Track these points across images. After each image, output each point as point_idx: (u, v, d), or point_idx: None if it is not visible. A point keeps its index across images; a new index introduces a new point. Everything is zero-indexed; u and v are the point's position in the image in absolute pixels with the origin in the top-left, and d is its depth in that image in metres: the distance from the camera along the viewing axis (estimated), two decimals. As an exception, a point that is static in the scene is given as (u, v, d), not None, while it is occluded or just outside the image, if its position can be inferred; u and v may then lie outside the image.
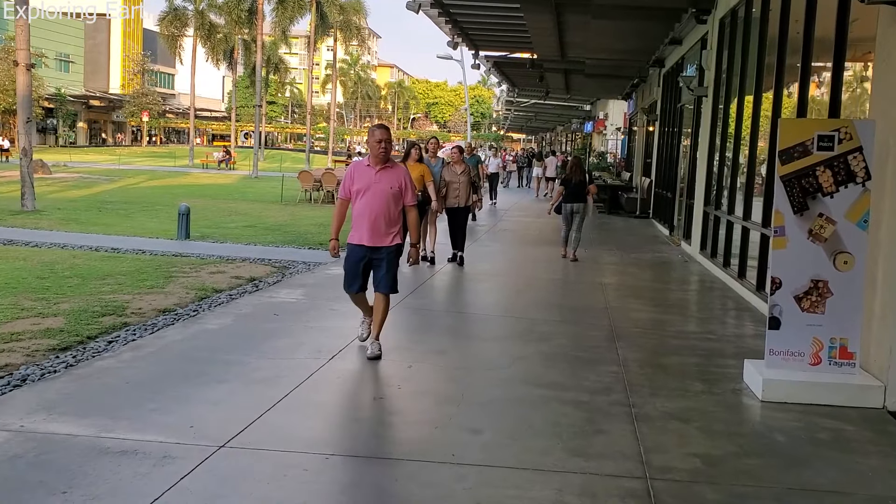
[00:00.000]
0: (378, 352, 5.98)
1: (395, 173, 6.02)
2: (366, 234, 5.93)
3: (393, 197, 5.97)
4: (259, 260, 11.22)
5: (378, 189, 5.92)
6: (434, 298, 9.02)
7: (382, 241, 5.96)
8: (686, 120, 16.31)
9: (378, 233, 5.92)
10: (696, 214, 13.32)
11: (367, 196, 5.92)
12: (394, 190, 5.95)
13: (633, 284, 10.29)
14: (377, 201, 5.90)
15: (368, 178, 5.95)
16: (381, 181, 5.94)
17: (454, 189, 10.69)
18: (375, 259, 6.00)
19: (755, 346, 6.96)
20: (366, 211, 5.92)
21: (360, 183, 5.96)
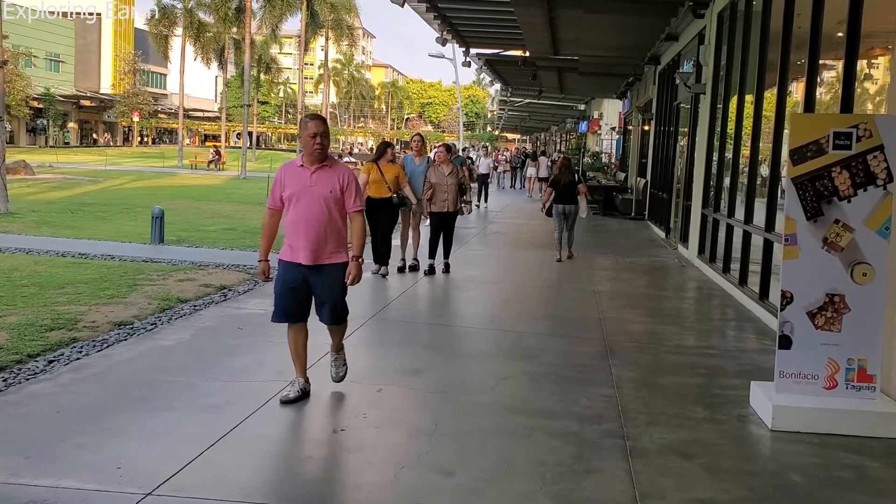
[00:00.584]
0: (342, 372, 5.24)
1: (334, 174, 4.94)
2: (302, 250, 4.88)
3: (334, 202, 4.92)
4: (233, 266, 10.61)
5: (315, 194, 4.87)
6: (414, 309, 8.43)
7: (324, 258, 4.92)
8: (683, 118, 15.75)
9: (317, 248, 4.89)
10: (694, 217, 12.76)
11: (302, 203, 4.87)
12: (334, 194, 4.91)
13: (628, 292, 9.71)
14: (314, 209, 4.86)
15: (302, 182, 4.89)
16: (317, 184, 4.88)
17: (442, 192, 9.89)
18: (315, 281, 4.96)
19: (760, 363, 6.39)
20: (301, 221, 4.88)
21: (292, 187, 4.91)
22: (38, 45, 70.00)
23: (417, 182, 9.88)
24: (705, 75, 12.61)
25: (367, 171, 9.52)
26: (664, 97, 17.86)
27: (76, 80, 76.23)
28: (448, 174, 9.96)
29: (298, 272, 4.93)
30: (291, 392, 4.95)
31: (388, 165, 9.51)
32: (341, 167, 5.07)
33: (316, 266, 4.91)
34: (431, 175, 9.94)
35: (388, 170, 9.47)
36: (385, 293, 8.88)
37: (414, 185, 9.93)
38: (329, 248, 4.94)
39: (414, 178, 9.89)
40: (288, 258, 4.96)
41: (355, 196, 5.01)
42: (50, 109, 66.71)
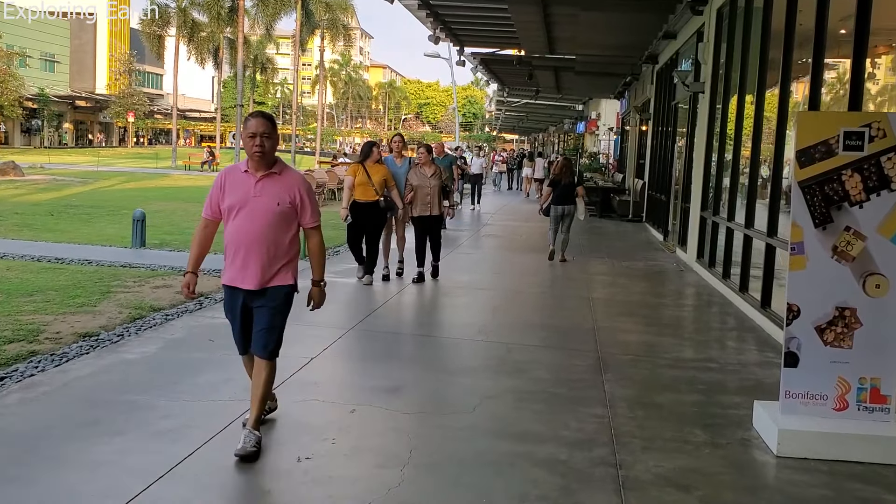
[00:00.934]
0: (252, 447, 4.07)
1: (285, 184, 4.19)
2: (240, 272, 4.19)
3: (282, 217, 4.17)
4: (215, 271, 10.18)
5: (259, 206, 4.13)
6: (397, 319, 8.01)
7: (267, 281, 4.21)
8: (681, 118, 15.37)
9: (260, 270, 4.16)
10: (693, 220, 12.37)
11: (243, 216, 4.14)
12: (282, 207, 4.16)
13: (624, 299, 9.31)
14: (257, 224, 4.13)
15: (244, 191, 4.15)
16: (263, 195, 4.14)
17: (424, 195, 9.40)
18: (257, 305, 4.25)
19: (763, 377, 6.01)
20: (241, 238, 4.16)
21: (233, 196, 4.16)
22: (33, 45, 69.58)
23: (399, 185, 9.45)
24: (704, 74, 12.22)
25: (353, 174, 9.09)
26: (662, 97, 17.48)
27: (71, 80, 75.80)
28: (430, 176, 9.46)
29: (239, 298, 4.27)
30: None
31: (375, 167, 9.04)
32: (294, 176, 4.28)
33: (256, 291, 4.22)
34: (413, 177, 9.44)
35: (375, 171, 9.02)
36: (368, 302, 8.47)
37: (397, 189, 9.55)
38: (273, 269, 4.23)
39: (395, 181, 9.46)
40: (227, 282, 4.31)
41: (311, 210, 4.28)
42: (44, 110, 66.24)
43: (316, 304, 4.48)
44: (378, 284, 9.25)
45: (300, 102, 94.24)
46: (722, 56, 11.44)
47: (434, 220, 9.64)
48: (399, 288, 9.20)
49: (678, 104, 15.51)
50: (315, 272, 4.43)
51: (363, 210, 9.03)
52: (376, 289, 9.07)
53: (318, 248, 4.41)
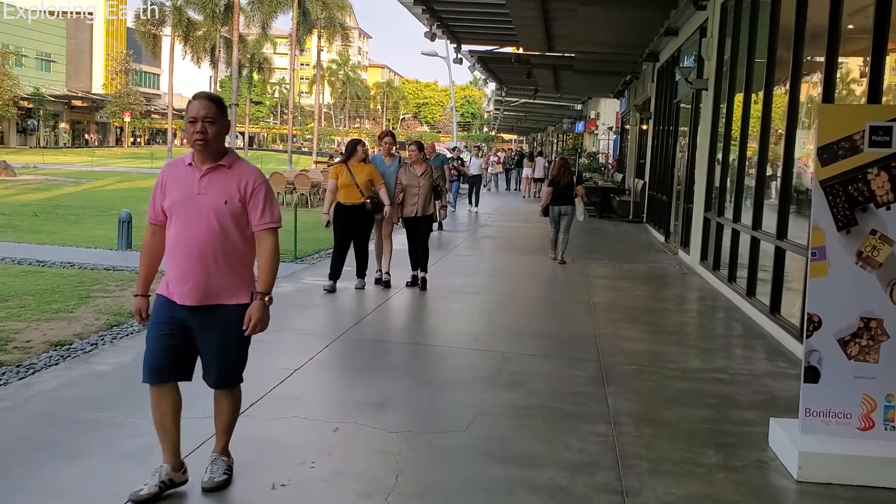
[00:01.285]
0: (222, 475, 3.70)
1: (234, 178, 3.53)
2: (181, 284, 3.51)
3: (231, 218, 3.50)
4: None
5: (203, 205, 3.48)
6: (388, 326, 7.62)
7: (213, 297, 3.52)
8: (683, 117, 15.01)
9: (204, 281, 3.49)
10: (696, 221, 12.01)
11: (186, 218, 3.50)
12: (232, 206, 3.50)
13: (626, 304, 8.94)
14: (202, 226, 3.47)
15: (187, 187, 3.52)
16: (208, 191, 3.50)
17: (412, 195, 8.94)
18: (202, 327, 3.54)
19: (776, 390, 5.64)
20: (181, 243, 3.50)
21: (174, 194, 3.53)
22: (29, 45, 69.20)
23: (389, 185, 9.03)
24: (707, 70, 11.86)
25: (336, 175, 8.62)
26: (663, 95, 17.12)
27: (68, 80, 75.42)
28: (420, 175, 8.99)
29: (176, 314, 3.52)
30: (146, 488, 3.50)
31: (360, 166, 8.56)
32: (245, 169, 3.59)
33: (201, 307, 3.51)
34: (402, 176, 8.99)
35: (360, 171, 8.53)
36: (357, 308, 8.09)
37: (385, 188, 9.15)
38: (221, 283, 3.52)
39: (385, 181, 9.03)
40: (163, 292, 3.58)
41: (264, 208, 3.56)
42: (40, 110, 65.84)
43: (255, 322, 3.54)
44: (370, 289, 8.87)
45: (297, 102, 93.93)
46: (726, 52, 11.09)
47: (421, 222, 9.11)
48: (390, 293, 8.81)
49: (680, 102, 15.15)
50: (261, 283, 3.58)
51: (349, 213, 8.58)
52: (367, 294, 8.69)
53: (270, 255, 3.57)
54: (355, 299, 8.42)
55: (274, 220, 3.60)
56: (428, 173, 9.05)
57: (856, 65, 6.87)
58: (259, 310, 3.55)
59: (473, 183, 21.93)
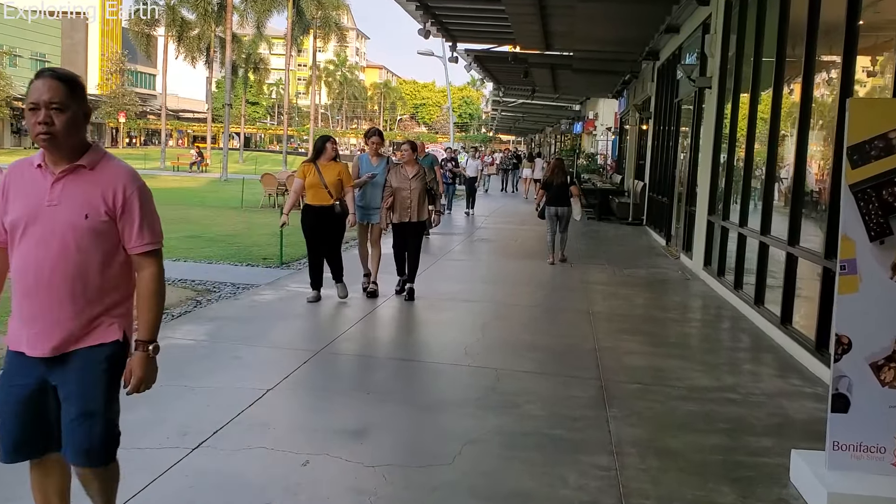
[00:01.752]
0: None
1: (96, 183, 2.70)
2: (28, 327, 2.68)
3: (94, 237, 2.67)
4: (181, 281, 9.36)
5: (57, 220, 2.66)
6: (372, 340, 7.09)
7: (70, 342, 2.69)
8: (685, 117, 14.55)
9: (59, 323, 2.67)
10: (699, 224, 11.54)
11: (33, 236, 2.66)
12: (94, 220, 2.67)
13: (627, 313, 8.46)
14: (53, 249, 2.64)
15: (36, 196, 2.68)
16: (62, 201, 2.66)
17: (404, 199, 8.32)
18: (60, 380, 2.70)
19: (792, 412, 5.17)
20: (30, 272, 2.65)
21: (18, 206, 2.68)
22: (23, 45, 68.74)
23: (376, 188, 8.50)
24: (711, 68, 11.39)
25: (303, 174, 7.96)
26: (664, 94, 16.66)
27: (63, 80, 74.78)
28: (412, 177, 8.38)
29: (31, 370, 2.69)
30: None
31: (330, 165, 7.88)
32: (114, 171, 2.73)
33: (60, 357, 2.68)
34: (392, 178, 8.34)
35: (329, 171, 7.84)
36: (340, 320, 7.57)
37: (372, 192, 8.54)
38: (84, 322, 2.70)
39: (373, 184, 8.50)
40: (13, 345, 2.73)
41: (141, 224, 2.72)
42: (33, 110, 65.16)
43: (137, 381, 2.75)
44: (355, 298, 8.37)
45: (294, 103, 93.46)
46: (731, 48, 10.61)
47: (415, 228, 8.52)
48: (377, 303, 8.31)
49: (681, 102, 14.69)
50: (142, 327, 2.75)
51: (317, 216, 7.94)
52: (352, 304, 8.17)
53: (152, 287, 2.76)
54: (339, 310, 7.92)
55: (154, 239, 2.77)
56: (420, 175, 8.42)
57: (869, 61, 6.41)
58: (142, 365, 2.74)
59: (470, 185, 21.16)
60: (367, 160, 8.61)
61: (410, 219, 8.40)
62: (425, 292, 8.76)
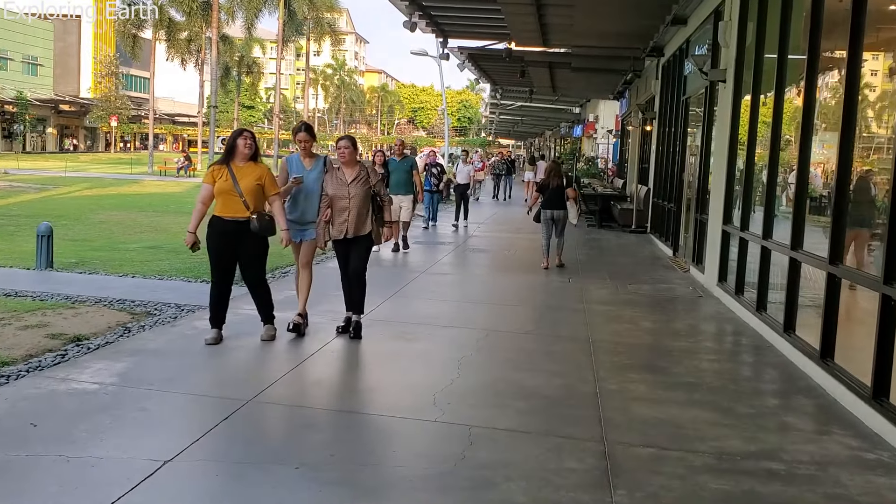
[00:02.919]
0: None
1: None
2: None
3: None
4: (118, 302, 8.13)
5: None
6: (312, 386, 5.69)
7: None
8: (693, 116, 13.32)
9: None
10: (712, 234, 10.30)
11: None
12: None
13: (633, 341, 7.20)
14: None
15: None
16: None
17: (341, 209, 6.64)
18: None
19: (857, 492, 3.91)
20: None
21: None
22: (15, 48, 67.68)
23: (311, 197, 6.87)
24: (725, 59, 10.15)
25: (212, 178, 6.26)
26: (669, 92, 15.44)
27: (55, 83, 73.80)
28: (352, 181, 6.69)
29: None
30: None
31: (247, 168, 6.26)
32: None
33: None
34: (328, 184, 6.72)
35: (246, 174, 6.23)
36: (282, 358, 6.20)
37: (304, 201, 6.86)
38: None
39: (306, 191, 6.84)
40: None
41: None
42: (24, 114, 64.08)
43: None
44: (280, 342, 6.55)
45: (291, 107, 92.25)
46: (749, 37, 9.39)
47: (355, 246, 6.78)
48: (317, 344, 6.60)
49: (689, 99, 13.47)
50: None
51: (227, 232, 6.26)
52: (283, 346, 6.49)
53: None
54: (283, 345, 6.55)
55: None
56: (362, 179, 6.74)
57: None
58: None
59: (462, 193, 18.62)
60: (298, 161, 6.92)
61: (347, 234, 6.71)
62: (397, 315, 7.52)
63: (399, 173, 12.51)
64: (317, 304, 7.43)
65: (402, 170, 12.58)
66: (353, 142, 6.92)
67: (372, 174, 6.89)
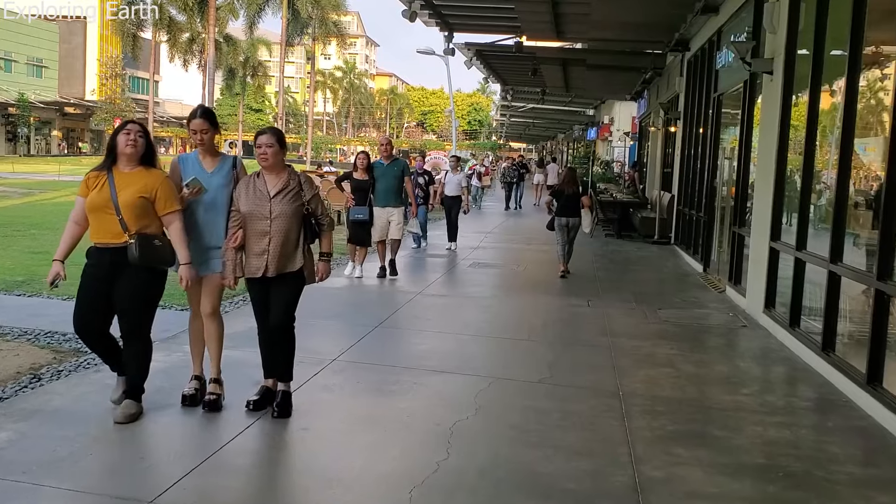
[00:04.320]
0: None
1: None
2: None
3: None
4: (49, 335, 6.76)
5: None
6: (232, 483, 4.09)
7: None
8: (729, 114, 11.83)
9: None
10: (756, 251, 8.81)
11: None
12: None
13: (676, 396, 5.69)
14: None
15: None
16: None
17: (259, 233, 4.73)
18: None
19: None
20: None
21: None
22: (20, 50, 66.79)
23: (212, 213, 4.88)
24: (773, 47, 8.66)
25: (85, 191, 4.58)
26: (697, 89, 13.93)
27: (60, 86, 72.80)
28: (277, 194, 4.74)
29: None
30: None
31: (135, 175, 4.59)
32: None
33: None
34: (241, 196, 4.79)
35: (130, 182, 4.54)
36: (181, 451, 4.45)
37: (205, 219, 4.87)
38: None
39: (206, 204, 4.86)
40: None
41: None
42: (28, 116, 63.06)
43: None
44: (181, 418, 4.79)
45: (301, 110, 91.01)
46: (804, 19, 7.90)
47: (279, 288, 4.81)
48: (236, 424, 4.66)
49: (722, 97, 11.97)
50: None
51: (101, 264, 4.57)
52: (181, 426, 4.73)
53: None
54: (176, 436, 4.61)
55: None
56: (291, 192, 4.77)
57: None
58: None
59: (450, 208, 14.77)
60: (195, 161, 4.89)
61: (267, 270, 4.74)
62: (376, 356, 6.06)
63: (387, 179, 10.15)
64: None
65: (390, 175, 10.17)
66: (278, 137, 4.91)
67: (306, 186, 4.87)
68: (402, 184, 10.28)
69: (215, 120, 5.02)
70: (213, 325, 4.97)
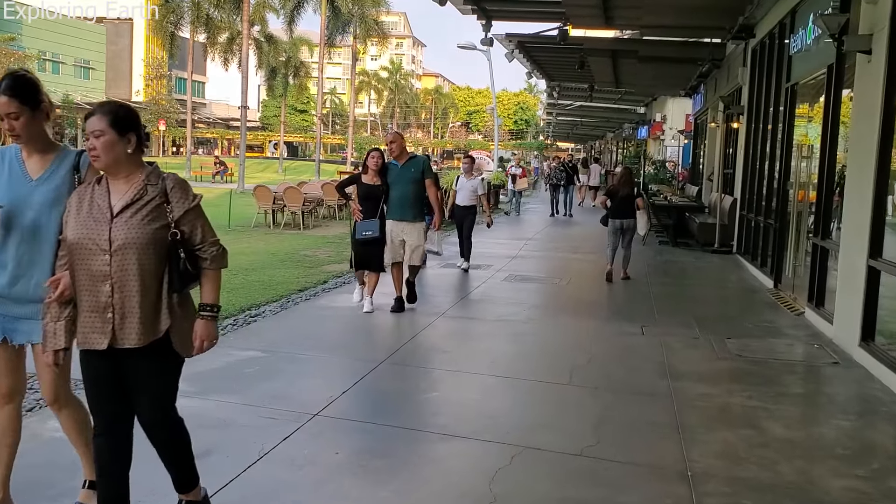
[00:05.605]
0: None
1: None
2: None
3: None
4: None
5: None
6: None
7: None
8: (804, 107, 10.24)
9: None
10: (848, 270, 7.24)
11: None
12: None
13: (767, 480, 4.15)
14: None
15: None
16: None
17: (94, 275, 2.91)
18: None
19: None
20: None
21: None
22: (67, 52, 67.38)
23: (36, 242, 3.12)
24: (871, 21, 7.08)
25: None
26: (765, 80, 12.33)
27: (107, 87, 73.34)
28: (122, 211, 2.95)
29: None
30: None
31: None
32: None
33: None
34: (70, 217, 2.98)
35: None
36: None
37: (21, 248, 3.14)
38: None
39: (23, 227, 3.11)
40: None
41: None
42: (76, 118, 63.43)
43: None
44: None
45: (347, 111, 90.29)
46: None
47: (139, 367, 3.00)
48: None
49: (797, 86, 10.37)
50: None
51: None
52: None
53: None
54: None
55: None
56: (147, 207, 2.97)
57: None
58: None
59: (462, 220, 11.81)
60: (14, 163, 3.19)
61: (116, 340, 2.93)
62: (371, 407, 4.70)
63: (402, 185, 7.96)
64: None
65: (406, 179, 7.96)
66: (116, 118, 2.96)
67: (175, 195, 3.04)
68: (421, 190, 8.03)
69: (34, 93, 3.11)
70: (65, 417, 3.33)
